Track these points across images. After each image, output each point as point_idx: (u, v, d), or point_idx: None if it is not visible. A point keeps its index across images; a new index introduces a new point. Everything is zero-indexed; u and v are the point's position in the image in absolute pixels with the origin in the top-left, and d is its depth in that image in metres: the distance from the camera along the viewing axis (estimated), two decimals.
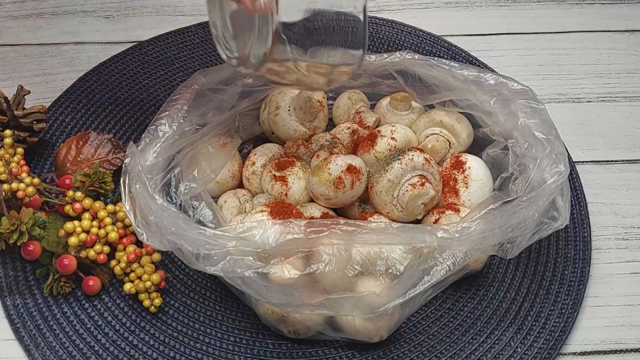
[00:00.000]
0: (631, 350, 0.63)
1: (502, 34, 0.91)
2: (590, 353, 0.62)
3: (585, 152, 0.78)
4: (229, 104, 0.67)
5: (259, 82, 0.67)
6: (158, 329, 0.62)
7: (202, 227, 0.54)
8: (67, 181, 0.68)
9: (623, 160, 0.77)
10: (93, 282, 0.63)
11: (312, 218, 0.62)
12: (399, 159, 0.62)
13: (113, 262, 0.63)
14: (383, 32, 0.89)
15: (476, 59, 0.85)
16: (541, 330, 0.62)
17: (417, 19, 0.91)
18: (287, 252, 0.53)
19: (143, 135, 0.61)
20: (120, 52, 0.85)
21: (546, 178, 0.58)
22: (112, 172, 0.71)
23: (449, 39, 0.88)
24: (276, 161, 0.66)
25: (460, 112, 0.70)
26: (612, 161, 0.77)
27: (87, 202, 0.64)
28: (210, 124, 0.65)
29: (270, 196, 0.64)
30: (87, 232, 0.63)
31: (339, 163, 0.62)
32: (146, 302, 0.62)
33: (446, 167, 0.68)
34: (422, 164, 0.62)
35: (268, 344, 0.62)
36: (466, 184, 0.66)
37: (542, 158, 0.60)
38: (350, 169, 0.62)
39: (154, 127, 0.61)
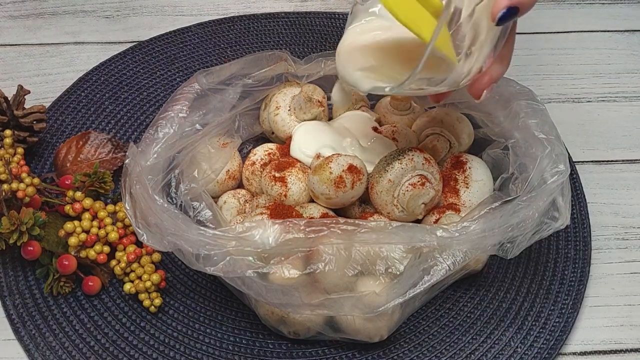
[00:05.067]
0: (631, 350, 0.63)
1: None
2: (590, 353, 0.62)
3: (585, 152, 0.78)
4: (229, 104, 0.67)
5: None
6: (158, 329, 0.62)
7: (202, 228, 0.54)
8: (67, 181, 0.68)
9: (623, 160, 0.77)
10: (93, 282, 0.63)
11: (311, 218, 0.62)
12: (399, 159, 0.62)
13: (113, 262, 0.63)
14: None
15: None
16: (541, 330, 0.62)
17: None
18: (287, 251, 0.53)
19: (143, 136, 0.60)
20: (120, 52, 0.85)
21: (546, 178, 0.58)
22: (112, 172, 0.71)
23: None
24: (276, 162, 0.66)
25: (461, 112, 0.70)
26: (612, 161, 0.77)
27: (87, 202, 0.64)
28: (211, 124, 0.65)
29: (269, 197, 0.64)
30: (87, 232, 0.63)
31: (340, 162, 0.62)
32: (146, 302, 0.62)
33: (447, 167, 0.68)
34: (422, 163, 0.62)
35: (268, 344, 0.62)
36: (467, 184, 0.66)
37: (542, 158, 0.60)
38: (351, 168, 0.62)
39: (154, 127, 0.61)
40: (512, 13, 0.50)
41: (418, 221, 0.64)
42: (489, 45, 0.53)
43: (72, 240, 0.62)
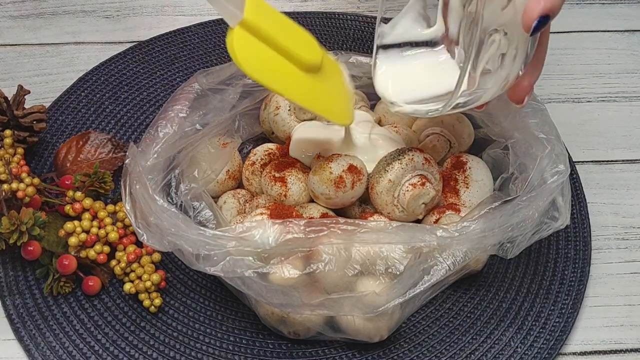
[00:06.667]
0: (631, 350, 0.63)
1: None
2: (590, 353, 0.62)
3: (585, 152, 0.78)
4: (229, 104, 0.67)
5: None
6: (158, 329, 0.62)
7: (201, 228, 0.54)
8: (67, 181, 0.68)
9: (623, 160, 0.77)
10: (93, 282, 0.63)
11: (311, 218, 0.62)
12: (399, 159, 0.62)
13: (113, 262, 0.63)
14: None
15: None
16: (541, 330, 0.62)
17: None
18: (287, 251, 0.53)
19: (143, 136, 0.60)
20: (120, 52, 0.85)
21: (546, 178, 0.58)
22: (112, 172, 0.71)
23: None
24: (276, 162, 0.66)
25: (461, 112, 0.70)
26: (612, 161, 0.77)
27: (87, 202, 0.64)
28: (211, 124, 0.65)
29: (269, 197, 0.64)
30: (87, 232, 0.63)
31: (340, 162, 0.62)
32: (146, 302, 0.62)
33: (447, 167, 0.68)
34: (422, 163, 0.62)
35: (268, 344, 0.62)
36: (467, 184, 0.66)
37: (542, 158, 0.60)
38: (351, 168, 0.62)
39: (154, 127, 0.61)
40: (544, 22, 0.50)
41: (418, 221, 0.64)
42: (523, 53, 0.54)
43: (72, 240, 0.62)
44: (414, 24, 0.63)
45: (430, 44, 0.63)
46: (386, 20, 0.63)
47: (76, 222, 0.63)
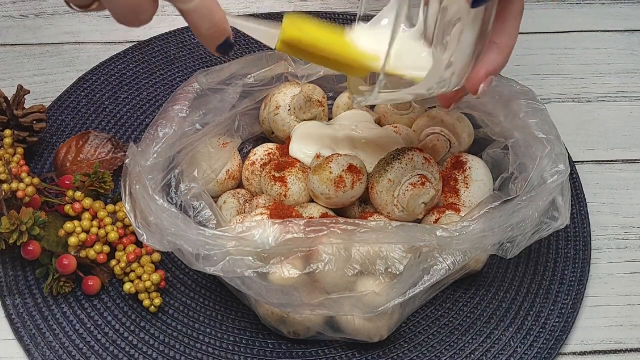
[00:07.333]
0: (631, 350, 0.63)
1: None
2: (590, 353, 0.62)
3: (585, 152, 0.78)
4: (229, 104, 0.67)
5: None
6: (158, 329, 0.62)
7: (201, 228, 0.54)
8: (67, 181, 0.68)
9: (623, 160, 0.77)
10: (93, 282, 0.63)
11: (311, 218, 0.62)
12: (399, 159, 0.62)
13: (113, 262, 0.63)
14: None
15: None
16: (541, 330, 0.62)
17: None
18: (287, 251, 0.53)
19: (143, 136, 0.60)
20: (120, 52, 0.85)
21: (546, 178, 0.58)
22: (112, 172, 0.71)
23: None
24: (276, 162, 0.66)
25: (461, 112, 0.70)
26: (612, 161, 0.77)
27: (87, 202, 0.64)
28: (211, 124, 0.65)
29: (269, 197, 0.64)
30: (87, 232, 0.63)
31: (340, 162, 0.62)
32: (146, 302, 0.62)
33: (447, 167, 0.68)
34: (422, 163, 0.62)
35: (268, 344, 0.62)
36: (467, 184, 0.66)
37: (542, 158, 0.60)
38: (351, 168, 0.62)
39: (154, 127, 0.61)
40: None
41: (418, 221, 0.64)
42: (471, 33, 0.48)
43: (72, 240, 0.62)
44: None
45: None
46: (366, 19, 0.58)
47: (76, 222, 0.63)
